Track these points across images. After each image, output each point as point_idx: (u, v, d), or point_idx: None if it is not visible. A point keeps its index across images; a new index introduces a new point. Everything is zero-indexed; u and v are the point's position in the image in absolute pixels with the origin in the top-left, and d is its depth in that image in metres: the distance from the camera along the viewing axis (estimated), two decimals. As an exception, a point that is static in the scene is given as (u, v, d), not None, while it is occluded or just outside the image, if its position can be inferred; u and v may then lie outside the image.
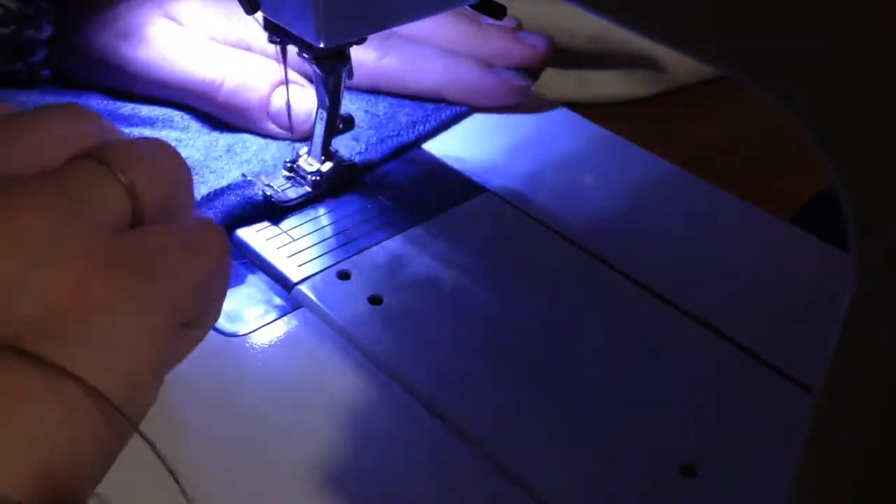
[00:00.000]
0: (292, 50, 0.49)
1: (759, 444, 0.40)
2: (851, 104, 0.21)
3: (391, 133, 0.56)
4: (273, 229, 0.51)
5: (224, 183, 0.51)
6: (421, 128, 0.57)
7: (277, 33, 0.48)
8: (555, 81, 0.73)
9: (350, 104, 0.57)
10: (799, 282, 0.49)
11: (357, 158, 0.54)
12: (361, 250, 0.49)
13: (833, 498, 0.25)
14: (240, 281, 0.48)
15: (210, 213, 0.49)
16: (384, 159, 0.55)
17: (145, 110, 0.56)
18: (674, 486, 0.39)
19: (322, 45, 0.44)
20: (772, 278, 0.49)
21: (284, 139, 0.55)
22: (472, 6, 0.49)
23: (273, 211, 0.51)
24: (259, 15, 0.48)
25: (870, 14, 0.20)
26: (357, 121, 0.53)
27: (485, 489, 0.39)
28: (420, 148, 0.57)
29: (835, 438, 0.25)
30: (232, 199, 0.50)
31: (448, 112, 0.58)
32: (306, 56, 0.48)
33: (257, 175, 0.52)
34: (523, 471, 0.39)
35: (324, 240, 0.50)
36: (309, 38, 0.44)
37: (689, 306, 0.47)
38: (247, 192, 0.51)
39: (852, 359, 0.23)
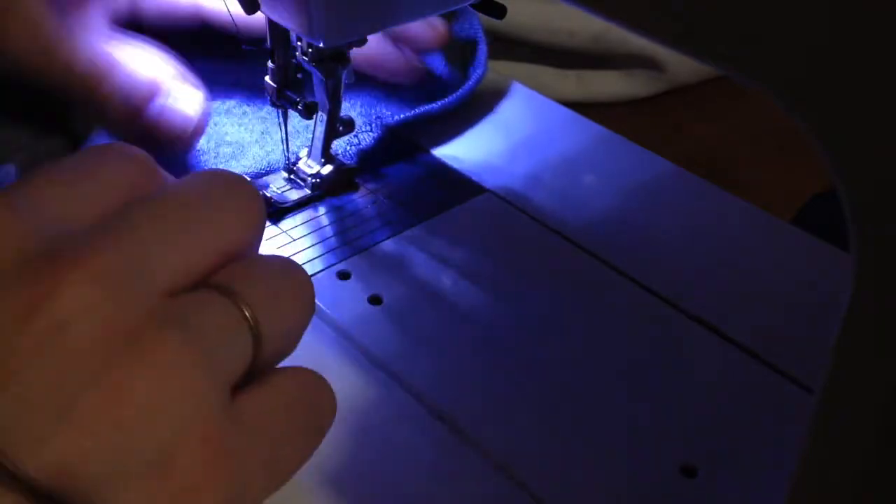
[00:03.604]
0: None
1: (759, 444, 0.40)
2: (851, 104, 0.21)
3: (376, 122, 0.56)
4: (273, 229, 0.51)
5: None
6: (407, 115, 0.56)
7: (280, 99, 0.49)
8: (555, 81, 0.73)
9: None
10: (799, 282, 0.49)
11: (352, 153, 0.54)
12: (361, 250, 0.49)
13: (833, 498, 0.25)
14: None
15: None
16: (382, 158, 0.55)
17: None
18: (674, 486, 0.39)
19: (321, 45, 0.44)
20: (772, 278, 0.49)
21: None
22: (472, 6, 0.49)
23: (273, 212, 0.51)
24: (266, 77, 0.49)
25: (869, 14, 0.20)
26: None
27: (485, 489, 0.39)
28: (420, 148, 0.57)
29: (835, 438, 0.25)
30: None
31: (443, 102, 0.57)
32: (306, 58, 0.48)
33: (258, 177, 0.52)
34: (523, 471, 0.39)
35: (324, 240, 0.50)
36: (308, 38, 0.44)
37: (689, 306, 0.47)
38: None
39: (852, 359, 0.23)
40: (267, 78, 0.50)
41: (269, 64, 0.49)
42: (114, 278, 0.24)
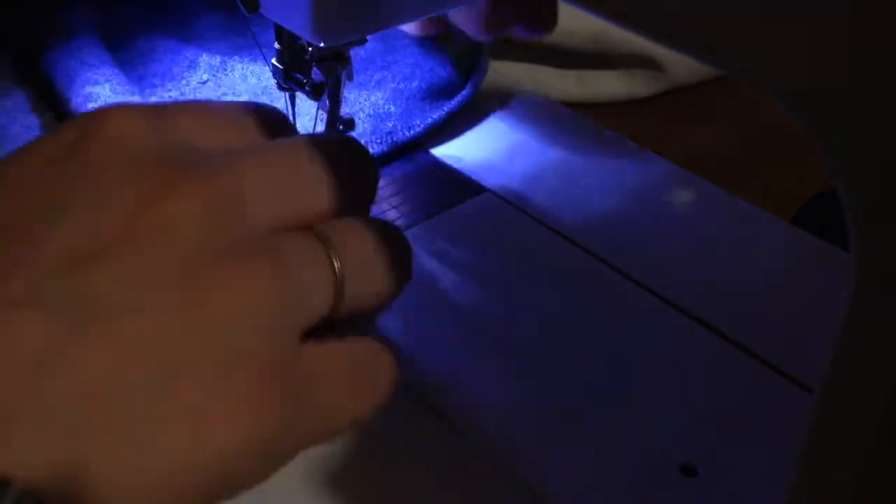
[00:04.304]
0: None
1: (759, 444, 0.40)
2: (851, 104, 0.21)
3: (387, 130, 0.56)
4: (273, 229, 0.50)
5: None
6: (415, 130, 0.56)
7: (288, 81, 0.49)
8: (555, 81, 0.73)
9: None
10: (799, 282, 0.49)
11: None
12: (361, 250, 0.49)
13: (833, 498, 0.25)
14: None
15: None
16: (381, 158, 0.55)
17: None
18: (674, 486, 0.39)
19: (321, 45, 0.44)
20: (772, 278, 0.49)
21: None
22: (471, 5, 0.49)
23: None
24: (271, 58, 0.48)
25: (869, 13, 0.20)
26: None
27: (485, 488, 0.39)
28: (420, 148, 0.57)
29: (835, 438, 0.25)
30: None
31: (439, 113, 0.57)
32: (306, 57, 0.48)
33: None
34: (523, 471, 0.39)
35: (324, 239, 0.50)
36: (308, 38, 0.44)
37: (689, 306, 0.47)
38: None
39: (852, 359, 0.23)
40: (273, 60, 0.49)
41: (275, 45, 0.48)
42: (221, 200, 0.26)
